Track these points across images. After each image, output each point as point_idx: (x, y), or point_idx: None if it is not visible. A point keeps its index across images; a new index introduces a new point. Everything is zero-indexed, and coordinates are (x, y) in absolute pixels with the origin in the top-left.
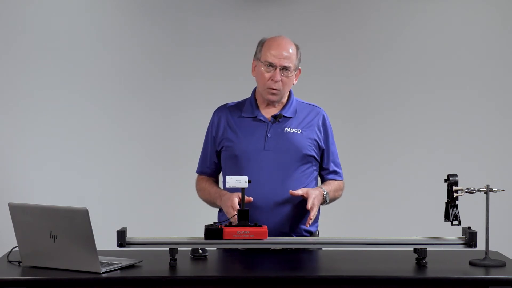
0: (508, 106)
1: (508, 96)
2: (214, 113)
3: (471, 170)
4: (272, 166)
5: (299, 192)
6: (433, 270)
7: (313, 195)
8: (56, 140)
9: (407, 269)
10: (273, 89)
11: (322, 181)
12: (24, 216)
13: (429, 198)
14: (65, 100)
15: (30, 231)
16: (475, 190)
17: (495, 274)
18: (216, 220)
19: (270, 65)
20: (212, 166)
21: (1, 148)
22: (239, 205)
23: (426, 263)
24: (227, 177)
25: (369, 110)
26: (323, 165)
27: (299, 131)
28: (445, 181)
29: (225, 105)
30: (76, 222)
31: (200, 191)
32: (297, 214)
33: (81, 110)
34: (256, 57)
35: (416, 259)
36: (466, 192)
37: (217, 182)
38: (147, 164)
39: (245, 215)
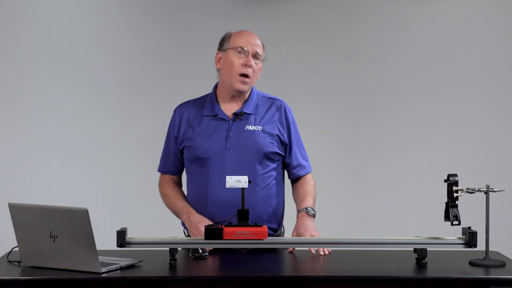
0: (508, 106)
1: (508, 96)
2: (175, 111)
3: (471, 170)
4: (235, 166)
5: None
6: (433, 270)
7: (307, 231)
8: (56, 140)
9: (407, 269)
10: (245, 75)
11: (289, 176)
12: (24, 216)
13: (429, 198)
14: (65, 100)
15: (30, 231)
16: (475, 190)
17: (495, 274)
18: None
19: (242, 51)
20: (177, 164)
21: (1, 148)
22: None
23: (426, 263)
24: (227, 177)
25: (369, 110)
26: (286, 160)
27: (260, 128)
28: (445, 181)
29: (186, 102)
30: (76, 222)
31: (165, 197)
32: (263, 212)
33: (81, 110)
34: (223, 48)
35: (416, 259)
36: (466, 192)
37: (180, 185)
38: (147, 164)
39: (245, 215)
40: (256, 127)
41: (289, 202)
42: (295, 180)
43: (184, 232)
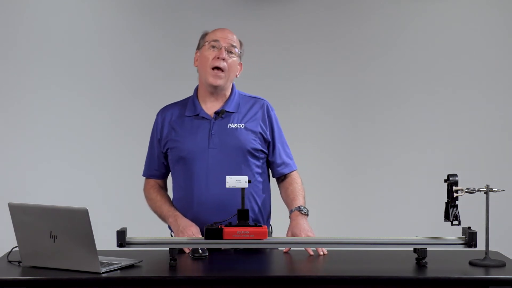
0: (508, 106)
1: (508, 96)
2: (157, 115)
3: (471, 170)
4: (219, 164)
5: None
6: (433, 270)
7: (303, 232)
8: (56, 140)
9: (407, 269)
10: (218, 68)
11: (273, 174)
12: (24, 216)
13: (429, 198)
14: (65, 100)
15: (30, 231)
16: (475, 190)
17: (495, 274)
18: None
19: (215, 44)
20: (161, 168)
21: (1, 148)
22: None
23: (426, 263)
24: (227, 177)
25: (369, 110)
26: (270, 158)
27: (242, 126)
28: (445, 181)
29: (168, 105)
30: (76, 222)
31: (150, 201)
32: (249, 210)
33: (81, 110)
34: (199, 46)
35: (416, 259)
36: (466, 192)
37: (166, 189)
38: None
39: (245, 215)
40: (239, 125)
41: (275, 202)
42: (281, 179)
43: (171, 235)
